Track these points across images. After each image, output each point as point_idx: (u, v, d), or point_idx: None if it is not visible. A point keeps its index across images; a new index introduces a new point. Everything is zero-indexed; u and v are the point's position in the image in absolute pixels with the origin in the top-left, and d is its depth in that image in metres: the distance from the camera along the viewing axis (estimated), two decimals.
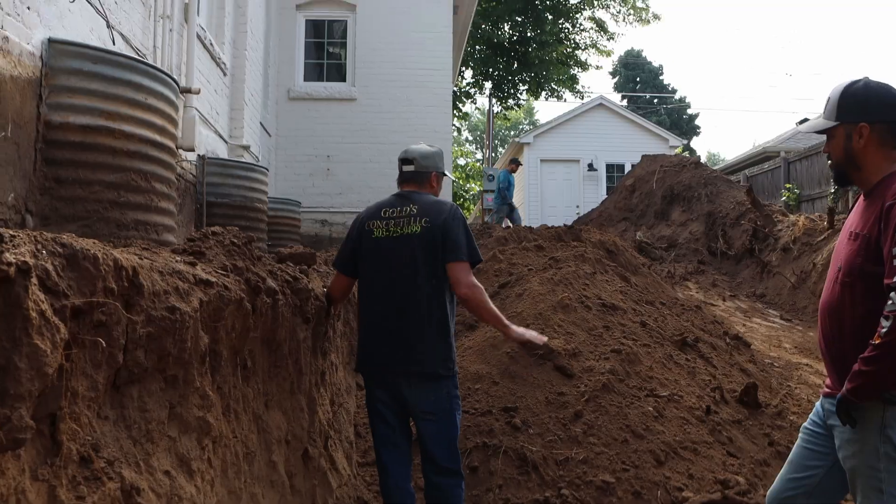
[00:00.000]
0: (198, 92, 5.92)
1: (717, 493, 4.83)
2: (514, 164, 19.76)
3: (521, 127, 58.49)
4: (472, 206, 32.38)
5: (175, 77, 5.07)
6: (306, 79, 13.14)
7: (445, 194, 10.97)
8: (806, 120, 31.61)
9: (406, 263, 3.97)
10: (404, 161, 4.32)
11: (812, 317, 12.30)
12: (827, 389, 3.18)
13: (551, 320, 6.20)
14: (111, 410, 2.09)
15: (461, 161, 34.10)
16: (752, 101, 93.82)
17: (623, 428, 5.30)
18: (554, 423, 5.27)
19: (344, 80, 13.23)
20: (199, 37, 7.17)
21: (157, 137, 4.41)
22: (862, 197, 3.13)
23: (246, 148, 9.11)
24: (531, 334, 4.16)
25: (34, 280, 1.65)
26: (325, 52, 13.55)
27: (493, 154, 33.91)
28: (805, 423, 3.32)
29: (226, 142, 8.76)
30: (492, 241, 9.36)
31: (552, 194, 28.48)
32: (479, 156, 51.23)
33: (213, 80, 8.06)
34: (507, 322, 4.08)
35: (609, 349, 6.01)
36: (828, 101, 3.17)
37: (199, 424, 2.45)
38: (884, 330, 2.68)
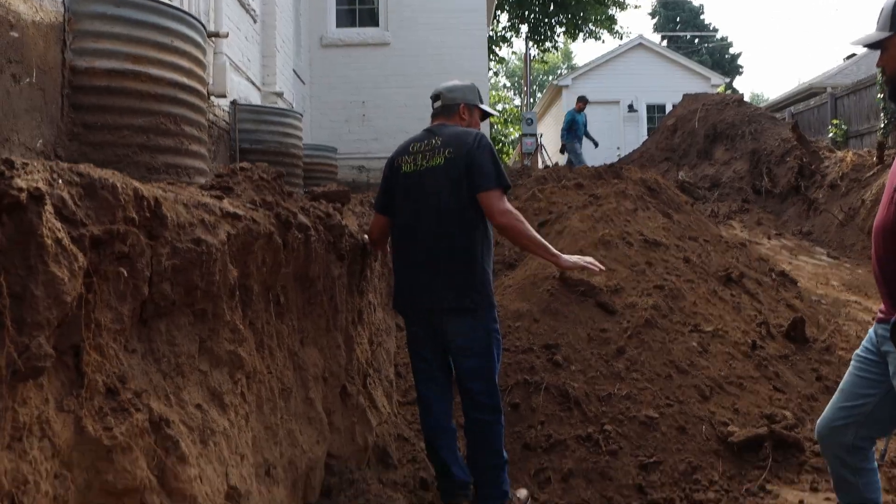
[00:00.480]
0: (226, 35, 5.85)
1: (764, 428, 4.75)
2: (581, 102, 18.87)
3: (558, 71, 57.71)
4: (510, 151, 32.12)
5: (202, 21, 4.99)
6: (339, 25, 13.01)
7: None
8: (853, 56, 30.81)
9: (432, 197, 3.89)
10: (433, 98, 4.25)
11: (861, 254, 12.06)
12: (881, 315, 3.06)
13: (592, 257, 6.09)
14: (139, 344, 2.06)
15: (499, 106, 33.75)
16: (796, 38, 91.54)
17: (667, 363, 5.23)
18: (596, 360, 5.21)
19: (377, 24, 13.07)
20: None
21: (186, 80, 4.35)
22: None
23: (279, 95, 9.05)
24: (586, 260, 4.08)
25: (49, 207, 1.60)
26: None
27: (532, 99, 33.50)
28: (857, 351, 3.22)
29: (258, 89, 8.70)
30: (531, 180, 9.25)
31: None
32: (517, 102, 50.66)
33: (243, 27, 7.98)
34: (554, 250, 3.97)
35: (652, 285, 5.92)
36: (881, 11, 3.00)
37: (231, 359, 2.41)
38: None
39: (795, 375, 5.59)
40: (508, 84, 61.47)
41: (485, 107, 4.40)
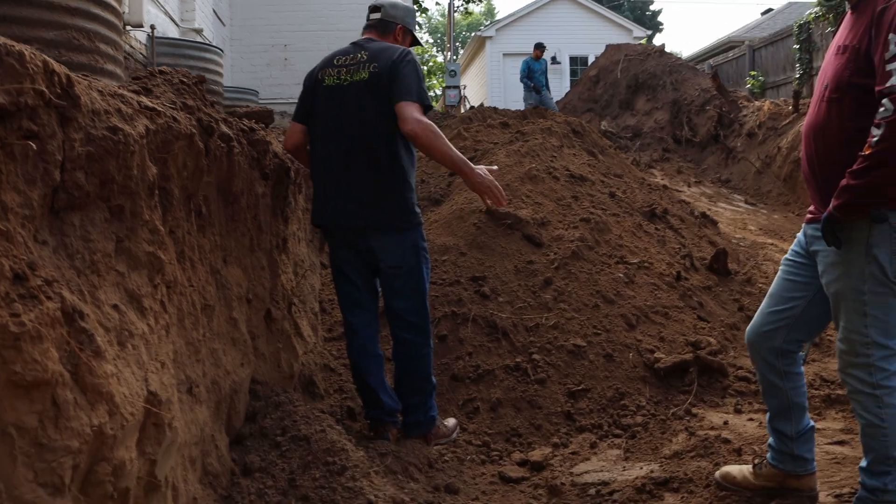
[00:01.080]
0: None
1: (689, 354, 4.80)
2: (539, 49, 18.37)
3: (482, 26, 57.46)
4: (435, 103, 31.92)
5: None
6: None
7: None
8: (770, 10, 31.30)
9: (354, 111, 3.79)
10: (372, 9, 4.11)
11: (777, 200, 12.34)
12: (810, 215, 3.09)
13: (519, 191, 6.07)
14: (50, 236, 1.92)
15: (424, 61, 33.45)
16: None
17: (594, 294, 5.24)
18: (523, 291, 5.19)
19: None
20: None
21: None
22: (849, 11, 2.97)
23: (198, 31, 8.76)
24: (497, 187, 3.88)
25: None
26: None
27: (454, 55, 33.30)
28: (786, 256, 3.24)
29: (177, 25, 8.41)
30: (455, 121, 9.16)
31: (515, 88, 28.02)
32: (440, 58, 50.30)
33: None
34: (469, 163, 3.84)
35: (578, 218, 5.92)
36: None
37: (150, 261, 2.29)
38: (874, 139, 2.58)
39: (718, 305, 5.67)
40: (431, 40, 61.01)
41: (417, 35, 4.32)
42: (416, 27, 4.29)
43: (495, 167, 4.18)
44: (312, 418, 3.24)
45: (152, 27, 6.57)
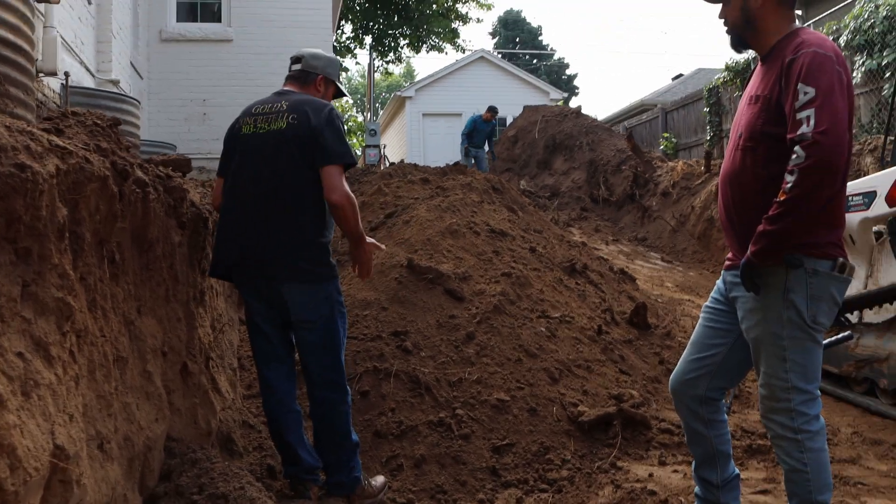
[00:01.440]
0: (57, 1, 5.44)
1: (613, 407, 4.79)
2: (490, 112, 17.60)
3: (402, 87, 58.04)
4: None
5: None
6: (179, 19, 12.51)
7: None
8: (680, 76, 32.32)
9: (269, 160, 3.71)
10: (293, 60, 4.08)
11: (692, 258, 12.58)
12: (729, 262, 3.13)
13: (440, 246, 6.05)
14: None
15: (345, 119, 33.51)
16: (629, 59, 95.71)
17: (516, 348, 5.21)
18: (446, 346, 5.14)
19: (219, 20, 12.67)
20: None
21: (11, 37, 4.00)
22: (760, 62, 3.06)
23: (115, 83, 8.60)
24: (370, 262, 3.95)
25: None
26: None
27: (374, 114, 33.50)
28: (706, 303, 3.27)
29: (93, 75, 8.23)
30: (375, 177, 9.13)
31: (435, 148, 28.33)
32: (360, 118, 50.59)
33: (76, 7, 7.52)
34: (365, 238, 3.87)
35: (499, 273, 5.92)
36: None
37: (59, 306, 2.17)
38: (788, 185, 2.63)
39: (640, 359, 5.69)
40: (352, 101, 61.30)
41: (341, 86, 4.26)
42: (339, 77, 4.25)
43: (383, 247, 4.25)
44: (231, 475, 3.11)
45: (66, 75, 6.42)
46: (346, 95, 4.59)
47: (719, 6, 3.13)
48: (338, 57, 4.31)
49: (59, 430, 2.06)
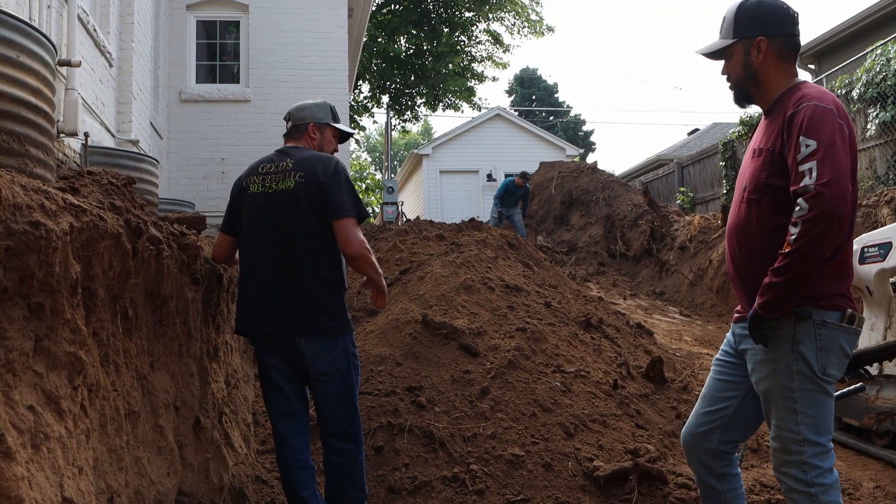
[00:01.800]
0: (78, 65, 5.59)
1: (628, 461, 4.74)
2: (521, 178, 17.59)
3: (419, 145, 58.60)
4: (371, 220, 32.15)
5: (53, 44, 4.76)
6: (198, 81, 12.76)
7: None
8: (696, 130, 32.47)
9: (280, 220, 3.78)
10: (285, 119, 4.17)
11: (710, 311, 12.53)
12: (738, 314, 3.13)
13: (455, 301, 6.07)
14: None
15: (353, 172, 33.83)
16: (645, 115, 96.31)
17: (531, 403, 5.19)
18: (460, 401, 5.13)
19: (237, 81, 12.90)
20: (80, 19, 6.82)
21: (33, 99, 4.09)
22: (763, 116, 3.10)
23: (135, 143, 8.75)
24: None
25: None
26: (218, 54, 13.21)
27: (392, 168, 33.79)
28: (717, 356, 3.27)
29: (113, 136, 8.39)
30: (391, 234, 9.20)
31: (452, 205, 28.51)
32: (378, 176, 51.08)
33: (97, 69, 7.70)
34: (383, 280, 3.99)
35: (514, 328, 5.91)
36: (723, 21, 3.14)
37: (71, 361, 2.20)
38: (793, 237, 2.65)
39: (656, 413, 5.65)
40: (370, 159, 61.87)
41: (341, 126, 4.29)
42: (333, 117, 4.27)
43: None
44: None
45: (86, 135, 6.54)
46: (352, 134, 4.61)
47: (722, 63, 3.18)
48: (325, 101, 4.35)
49: (67, 482, 2.08)
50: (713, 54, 3.16)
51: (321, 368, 3.75)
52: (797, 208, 2.67)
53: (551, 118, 52.52)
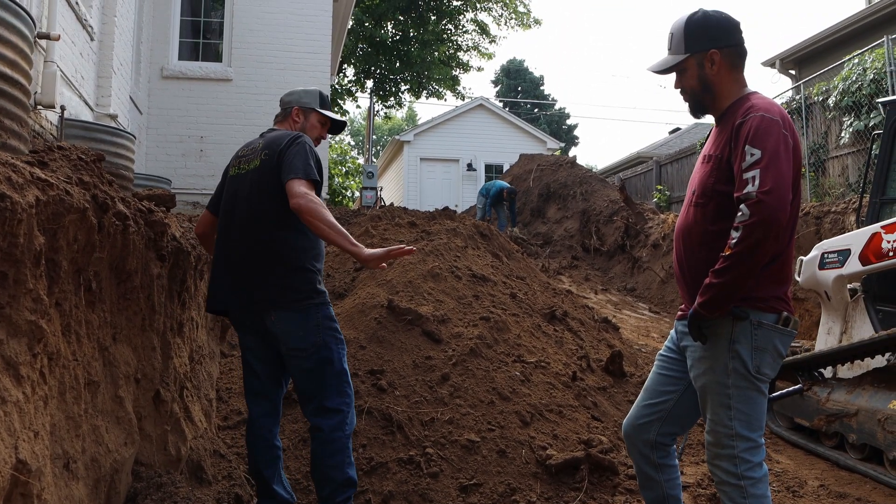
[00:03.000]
0: (57, 38, 5.62)
1: (581, 452, 4.87)
2: (510, 193, 18.06)
3: (402, 131, 58.50)
4: (350, 203, 32.16)
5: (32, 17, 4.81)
6: (181, 57, 12.74)
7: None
8: (678, 129, 32.66)
9: (247, 198, 3.85)
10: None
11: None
12: (680, 313, 3.25)
13: (421, 288, 6.17)
14: None
15: (334, 156, 33.78)
16: (628, 111, 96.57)
17: (490, 390, 5.30)
18: (421, 386, 5.23)
19: (220, 60, 12.91)
20: None
21: (8, 71, 4.13)
22: (715, 124, 3.21)
23: (113, 117, 8.75)
24: (391, 250, 3.78)
25: None
26: (202, 31, 13.19)
27: (374, 156, 33.80)
28: (660, 351, 3.39)
29: (91, 109, 8.40)
30: (364, 218, 9.28)
31: (431, 193, 28.59)
32: (360, 160, 51.03)
33: (78, 43, 7.71)
34: (354, 241, 3.66)
35: (478, 316, 6.02)
36: (671, 37, 3.23)
37: (31, 329, 2.29)
38: (734, 241, 2.77)
39: (613, 406, 5.78)
40: (353, 143, 61.76)
41: (328, 113, 4.28)
42: (321, 103, 4.26)
43: (407, 248, 3.87)
44: (193, 500, 3.20)
45: (62, 108, 6.57)
46: (343, 124, 4.52)
47: (673, 78, 3.28)
48: (317, 88, 4.38)
49: (22, 445, 2.16)
50: (666, 70, 3.25)
51: (293, 344, 3.76)
52: (739, 213, 2.79)
53: (536, 110, 52.63)
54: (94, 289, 2.92)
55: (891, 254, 5.74)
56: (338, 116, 4.35)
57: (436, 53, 26.80)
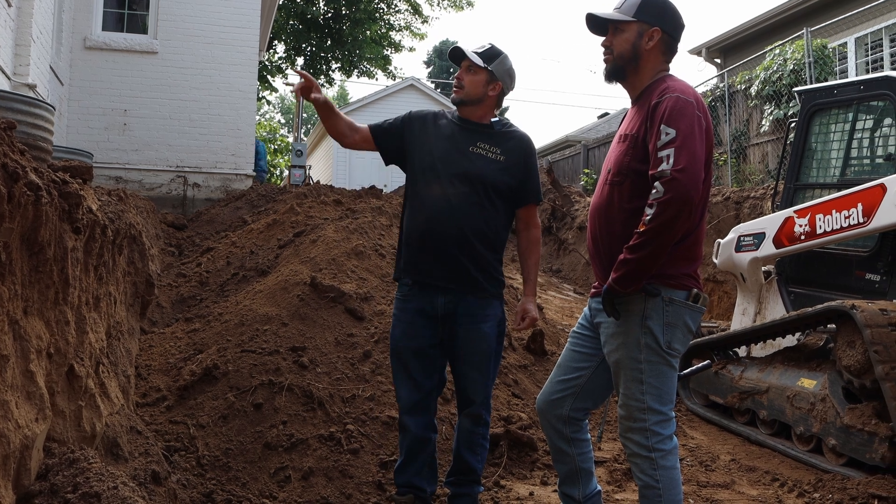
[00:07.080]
0: None
1: (501, 428, 4.94)
2: None
3: None
4: (279, 182, 31.88)
5: None
6: (105, 28, 12.47)
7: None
8: (606, 114, 33.05)
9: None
10: None
11: None
12: (594, 290, 3.32)
13: (345, 266, 6.16)
14: None
15: (264, 133, 33.43)
16: (558, 95, 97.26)
17: None
18: (342, 363, 5.24)
19: (146, 32, 12.66)
20: None
21: None
22: (631, 104, 3.27)
23: (32, 87, 8.54)
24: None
25: None
26: (127, 2, 12.91)
27: (303, 134, 33.49)
28: (574, 328, 3.46)
29: (8, 78, 8.19)
30: (290, 196, 9.23)
31: (360, 172, 28.47)
32: (290, 139, 50.52)
33: None
34: None
35: None
36: None
37: None
38: (647, 217, 2.83)
39: (533, 384, 5.87)
40: (283, 121, 61.10)
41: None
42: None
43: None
44: (106, 476, 3.17)
45: None
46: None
47: (605, 33, 3.29)
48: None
49: None
50: (608, 21, 3.25)
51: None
52: (653, 191, 2.86)
53: None
54: (4, 260, 2.86)
55: (803, 237, 5.92)
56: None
57: (368, 32, 26.61)
